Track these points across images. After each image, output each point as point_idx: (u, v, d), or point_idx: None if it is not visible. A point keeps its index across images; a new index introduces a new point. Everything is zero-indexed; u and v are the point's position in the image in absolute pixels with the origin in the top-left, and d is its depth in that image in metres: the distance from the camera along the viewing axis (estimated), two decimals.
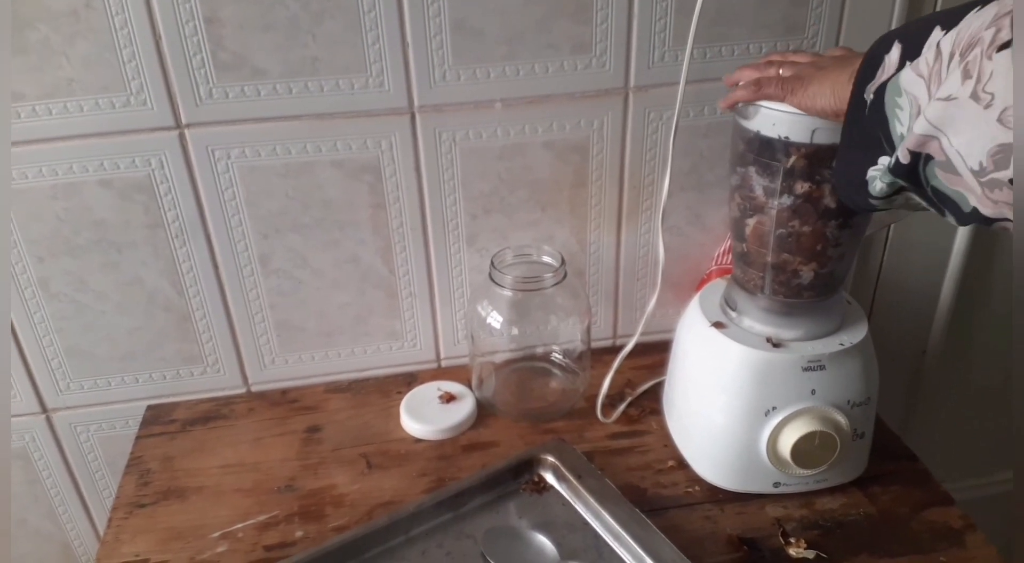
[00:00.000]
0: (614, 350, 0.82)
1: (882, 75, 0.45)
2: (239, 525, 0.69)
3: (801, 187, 0.59)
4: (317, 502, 0.71)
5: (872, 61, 0.46)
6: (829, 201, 0.60)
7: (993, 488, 1.15)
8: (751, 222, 0.64)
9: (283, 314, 0.82)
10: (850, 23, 0.75)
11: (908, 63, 0.43)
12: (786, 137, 0.58)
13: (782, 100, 0.56)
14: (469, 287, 0.84)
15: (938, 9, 0.77)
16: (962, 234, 0.92)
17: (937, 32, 0.41)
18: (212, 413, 0.83)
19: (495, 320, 0.78)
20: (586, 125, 0.77)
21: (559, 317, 0.79)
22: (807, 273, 0.63)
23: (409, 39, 0.70)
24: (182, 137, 0.72)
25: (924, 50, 0.42)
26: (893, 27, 0.76)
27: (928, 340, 1.00)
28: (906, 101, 0.42)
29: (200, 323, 0.81)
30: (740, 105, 0.60)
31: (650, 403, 0.81)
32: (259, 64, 0.69)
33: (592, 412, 0.80)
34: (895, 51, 0.44)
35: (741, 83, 0.60)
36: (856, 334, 0.67)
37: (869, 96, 0.45)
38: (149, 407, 0.84)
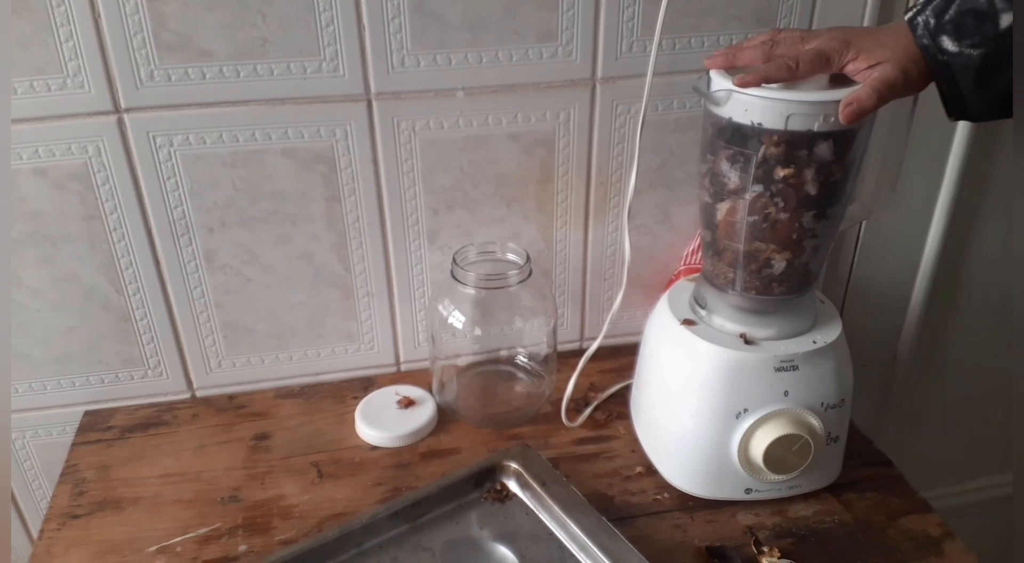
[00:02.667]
0: (581, 353, 0.79)
1: None
2: (178, 539, 0.65)
3: (775, 175, 0.57)
4: (263, 514, 0.67)
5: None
6: (810, 187, 0.57)
7: (967, 496, 1.14)
8: (722, 209, 0.61)
9: (230, 314, 0.78)
10: (822, 14, 0.74)
11: None
12: (759, 124, 0.55)
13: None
14: (430, 286, 0.81)
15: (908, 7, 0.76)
16: (933, 235, 0.91)
17: None
18: (153, 419, 0.78)
19: (457, 320, 0.74)
20: (552, 117, 0.74)
21: (524, 318, 0.76)
22: (779, 262, 0.61)
23: (365, 21, 0.67)
24: (121, 122, 0.67)
25: None
26: (865, 18, 0.75)
27: (898, 345, 0.99)
28: None
29: (140, 323, 0.77)
30: (712, 90, 0.58)
31: (617, 407, 0.78)
32: (204, 45, 0.65)
33: (558, 417, 0.77)
34: None
35: (742, 62, 0.57)
36: (830, 333, 0.65)
37: None
38: (86, 413, 0.79)
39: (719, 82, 0.57)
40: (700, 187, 0.63)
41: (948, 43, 0.53)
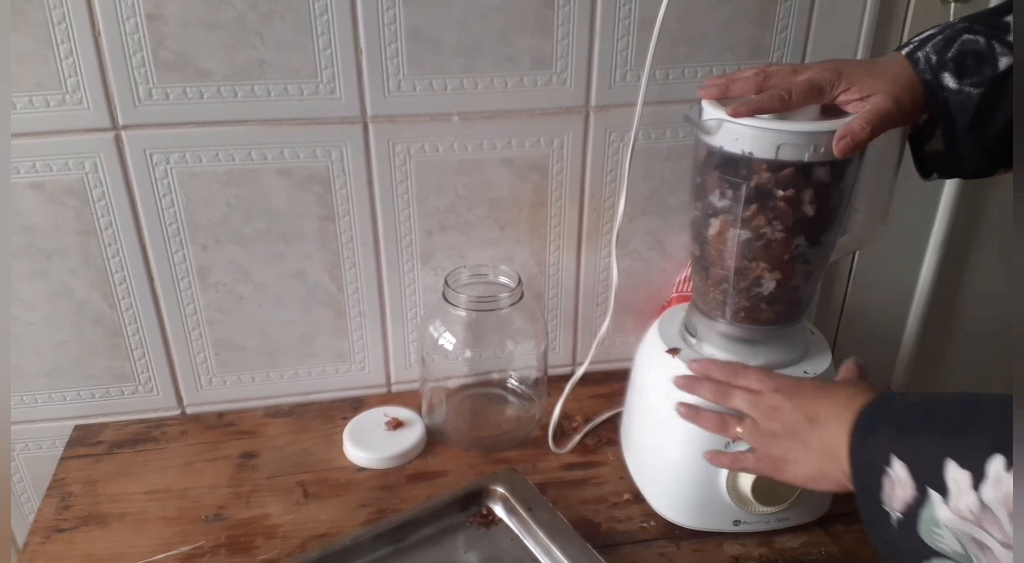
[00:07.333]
0: (572, 377, 0.79)
1: (897, 494, 0.45)
2: (160, 556, 0.64)
3: (766, 202, 0.57)
4: (247, 533, 0.67)
5: (867, 470, 0.47)
6: (800, 214, 0.57)
7: None
8: (714, 226, 0.61)
9: (222, 331, 0.78)
10: (815, 47, 0.75)
11: (940, 497, 0.42)
12: (750, 153, 0.56)
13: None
14: (423, 307, 0.81)
15: (902, 44, 0.77)
16: (927, 266, 0.91)
17: (955, 468, 0.41)
18: (141, 435, 0.78)
19: (447, 342, 0.74)
20: (546, 143, 0.75)
21: (515, 341, 0.76)
22: (769, 282, 0.61)
23: (363, 45, 0.67)
24: (118, 139, 0.68)
25: (951, 486, 0.41)
26: (858, 53, 0.75)
27: (892, 376, 0.98)
28: (954, 540, 0.42)
29: (132, 339, 0.77)
30: (703, 119, 0.58)
31: (607, 433, 0.78)
32: (203, 65, 0.66)
33: (548, 442, 0.76)
34: (900, 468, 0.44)
35: (735, 93, 0.57)
36: (820, 364, 0.65)
37: (896, 514, 0.45)
38: (76, 427, 0.79)
39: (710, 111, 0.58)
40: (691, 206, 0.63)
41: (949, 80, 0.53)
